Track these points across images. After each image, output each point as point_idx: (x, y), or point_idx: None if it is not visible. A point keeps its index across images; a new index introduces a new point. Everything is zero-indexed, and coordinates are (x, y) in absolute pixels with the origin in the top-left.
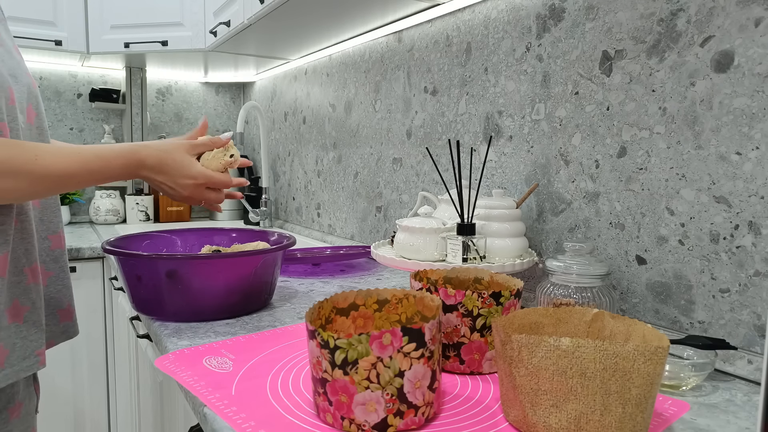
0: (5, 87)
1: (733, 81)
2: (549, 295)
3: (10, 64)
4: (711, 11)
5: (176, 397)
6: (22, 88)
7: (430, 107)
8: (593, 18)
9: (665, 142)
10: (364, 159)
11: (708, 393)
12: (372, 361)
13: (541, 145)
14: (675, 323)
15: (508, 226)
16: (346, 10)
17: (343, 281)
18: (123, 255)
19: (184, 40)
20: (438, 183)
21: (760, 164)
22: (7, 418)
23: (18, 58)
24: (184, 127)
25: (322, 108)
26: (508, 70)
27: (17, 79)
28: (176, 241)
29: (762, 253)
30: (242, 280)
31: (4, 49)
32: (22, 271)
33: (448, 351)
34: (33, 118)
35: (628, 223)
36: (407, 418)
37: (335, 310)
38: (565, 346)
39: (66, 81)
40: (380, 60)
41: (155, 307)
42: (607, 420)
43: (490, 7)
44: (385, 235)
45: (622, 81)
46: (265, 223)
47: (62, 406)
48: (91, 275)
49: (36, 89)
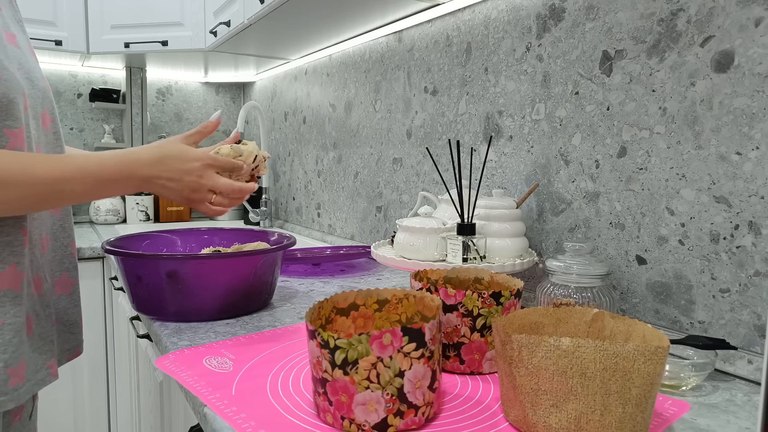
0: (20, 93)
1: (733, 81)
2: (549, 295)
3: (27, 67)
4: (711, 11)
5: (176, 397)
6: (38, 92)
7: (430, 107)
8: (593, 18)
9: (665, 142)
10: (364, 159)
11: (708, 393)
12: (372, 361)
13: (541, 145)
14: (675, 323)
15: (508, 226)
16: (346, 10)
17: (343, 281)
18: (123, 255)
19: (184, 40)
20: (438, 183)
21: (760, 164)
22: (9, 422)
23: (34, 61)
24: (184, 127)
25: (322, 108)
26: (508, 70)
27: (33, 83)
28: (176, 241)
29: (762, 253)
30: (242, 280)
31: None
32: (31, 283)
33: (448, 351)
34: (49, 123)
35: (628, 223)
36: (407, 418)
37: (335, 310)
38: (565, 346)
39: (66, 81)
40: (380, 60)
41: (155, 307)
42: (607, 420)
43: (490, 7)
44: (385, 235)
45: (622, 81)
46: (265, 223)
47: (62, 406)
48: (91, 275)
49: (50, 93)
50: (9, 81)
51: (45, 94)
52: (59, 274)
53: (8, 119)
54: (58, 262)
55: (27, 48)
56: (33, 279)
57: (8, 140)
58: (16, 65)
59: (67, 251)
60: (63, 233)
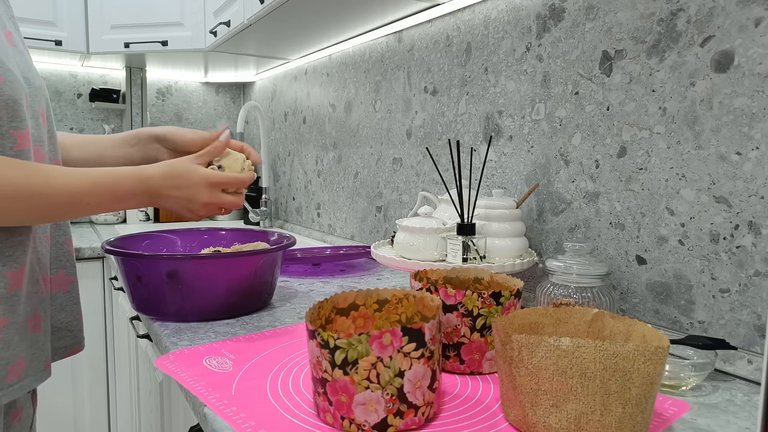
0: (23, 93)
1: (733, 81)
2: (549, 295)
3: (23, 66)
4: (711, 11)
5: (176, 397)
6: (36, 91)
7: (430, 107)
8: (593, 18)
9: (665, 142)
10: (364, 159)
11: (708, 393)
12: (372, 361)
13: (541, 145)
14: (675, 323)
15: (508, 226)
16: (346, 10)
17: (343, 281)
18: (123, 255)
19: (184, 40)
20: (438, 183)
21: (760, 164)
22: (9, 424)
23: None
24: (184, 127)
25: (322, 108)
26: (508, 70)
27: (30, 82)
28: (176, 241)
29: (762, 253)
30: (242, 280)
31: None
32: (38, 281)
33: (448, 351)
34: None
35: (628, 223)
36: (407, 418)
37: (335, 310)
38: (565, 346)
39: (66, 81)
40: (380, 60)
41: (155, 307)
42: (607, 420)
43: (490, 7)
44: (385, 235)
45: (622, 81)
46: (265, 223)
47: (62, 406)
48: (91, 275)
49: (46, 91)
50: (13, 82)
51: (41, 92)
52: (56, 272)
53: (14, 120)
54: (55, 259)
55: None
56: (41, 277)
57: (15, 141)
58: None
59: (64, 248)
60: (58, 231)
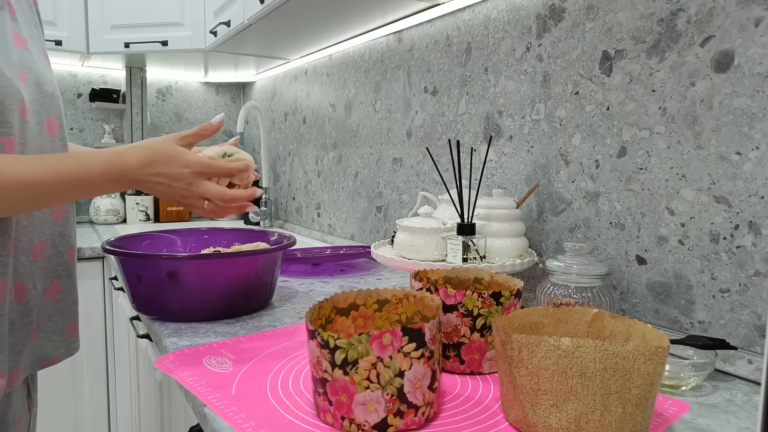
0: (17, 99)
1: (733, 81)
2: (549, 295)
3: (36, 72)
4: (711, 11)
5: (176, 397)
6: (45, 98)
7: (430, 107)
8: (593, 18)
9: (665, 142)
10: (364, 159)
11: (708, 393)
12: (372, 361)
13: (541, 145)
14: (675, 323)
15: (508, 226)
16: (346, 10)
17: (343, 281)
18: (123, 255)
19: (184, 40)
20: (438, 183)
21: (760, 164)
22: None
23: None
24: (184, 127)
25: (322, 108)
26: (508, 70)
27: (41, 88)
28: (176, 241)
29: (762, 253)
30: (242, 280)
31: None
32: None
33: (448, 351)
34: (56, 129)
35: (628, 223)
36: (407, 418)
37: (335, 310)
38: (565, 346)
39: (66, 81)
40: (380, 60)
41: (155, 307)
42: (607, 420)
43: (490, 7)
44: (385, 235)
45: (622, 81)
46: (265, 223)
47: (62, 406)
48: (91, 275)
49: (59, 99)
50: (4, 87)
51: (52, 99)
52: (50, 281)
53: (2, 126)
54: (52, 269)
55: (39, 53)
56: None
57: (3, 147)
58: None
59: (63, 258)
60: (62, 240)
